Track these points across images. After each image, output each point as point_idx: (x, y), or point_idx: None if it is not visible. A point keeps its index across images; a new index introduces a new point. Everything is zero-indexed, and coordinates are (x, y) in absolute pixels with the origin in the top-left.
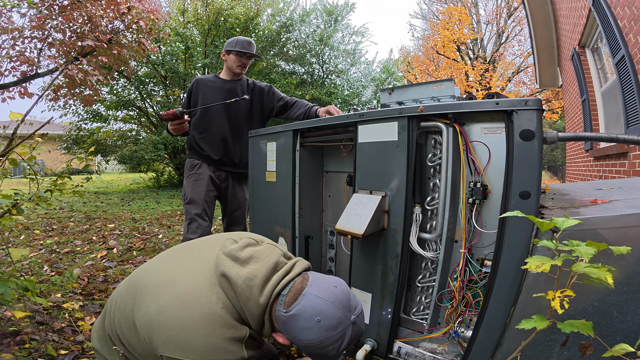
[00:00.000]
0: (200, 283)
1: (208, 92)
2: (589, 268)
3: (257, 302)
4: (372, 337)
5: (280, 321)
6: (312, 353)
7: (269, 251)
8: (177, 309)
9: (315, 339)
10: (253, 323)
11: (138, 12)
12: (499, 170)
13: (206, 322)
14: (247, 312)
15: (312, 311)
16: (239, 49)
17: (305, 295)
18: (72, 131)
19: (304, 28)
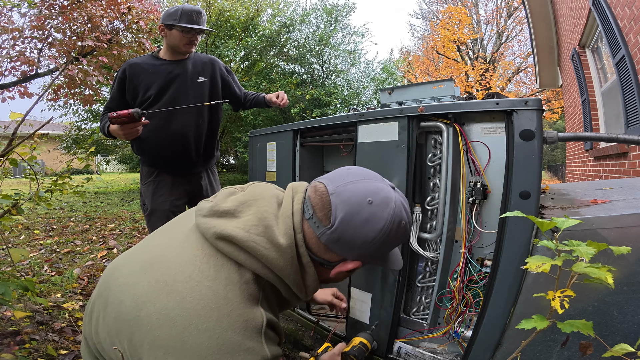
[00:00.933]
0: (188, 258)
1: (151, 81)
2: (589, 268)
3: (279, 249)
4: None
5: (332, 245)
6: (385, 253)
7: (258, 190)
8: (161, 296)
9: (383, 226)
10: (290, 281)
11: (138, 12)
12: (499, 170)
13: (207, 309)
14: (275, 270)
15: (355, 200)
16: (184, 24)
17: (334, 193)
18: (72, 131)
19: (304, 28)
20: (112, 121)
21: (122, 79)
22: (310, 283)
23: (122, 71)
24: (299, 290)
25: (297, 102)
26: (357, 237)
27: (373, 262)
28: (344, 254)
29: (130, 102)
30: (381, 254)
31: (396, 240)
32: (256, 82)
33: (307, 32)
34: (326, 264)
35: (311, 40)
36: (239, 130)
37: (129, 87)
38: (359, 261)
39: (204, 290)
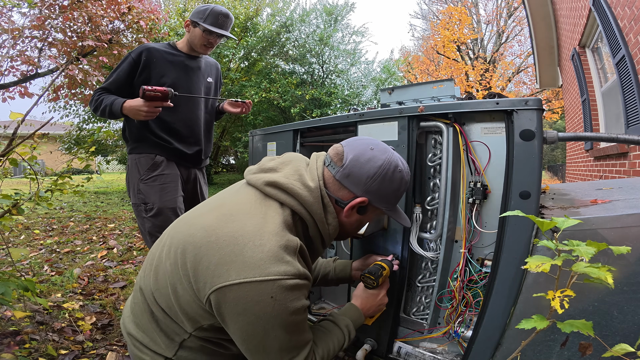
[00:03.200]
0: (245, 200)
1: (168, 70)
2: (589, 268)
3: (309, 189)
4: (372, 337)
5: (344, 180)
6: (386, 195)
7: (292, 155)
8: (227, 223)
9: (381, 164)
10: (317, 216)
11: (138, 12)
12: (499, 170)
13: (262, 230)
14: (306, 206)
15: (361, 147)
16: (209, 25)
17: (346, 145)
18: (73, 131)
19: (304, 28)
20: (146, 94)
21: (135, 62)
22: (331, 221)
23: (137, 54)
24: (322, 227)
25: (297, 102)
26: (362, 172)
27: (379, 201)
28: (354, 189)
29: (138, 86)
30: (384, 194)
31: (394, 182)
32: (256, 82)
33: (307, 32)
34: (341, 202)
35: (311, 40)
36: (239, 130)
37: (143, 71)
38: (365, 197)
39: (259, 219)
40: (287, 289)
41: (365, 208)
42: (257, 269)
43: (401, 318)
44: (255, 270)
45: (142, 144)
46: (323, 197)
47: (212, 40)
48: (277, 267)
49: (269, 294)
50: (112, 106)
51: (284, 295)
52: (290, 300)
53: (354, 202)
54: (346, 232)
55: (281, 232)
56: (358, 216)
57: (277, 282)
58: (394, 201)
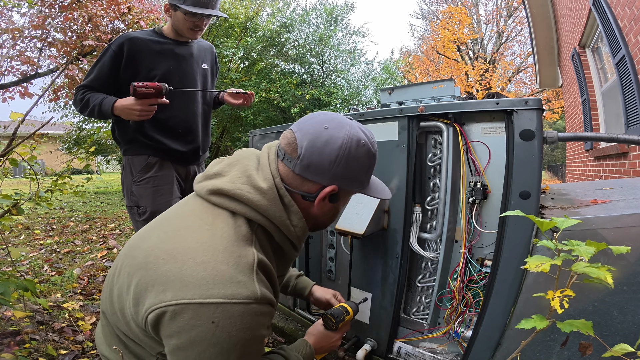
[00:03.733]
0: (189, 213)
1: (157, 61)
2: (588, 268)
3: (261, 192)
4: (372, 337)
5: (306, 172)
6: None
7: (241, 152)
8: (167, 241)
9: (341, 144)
10: (277, 221)
11: (138, 11)
12: (499, 170)
13: (205, 245)
14: (262, 211)
15: (314, 129)
16: (190, 6)
17: (297, 131)
18: (73, 131)
19: (304, 28)
20: (137, 92)
21: (117, 55)
22: (297, 222)
23: (117, 46)
24: (287, 231)
25: (297, 102)
26: (323, 158)
27: (349, 185)
28: (319, 179)
29: (125, 82)
30: (353, 175)
31: (360, 159)
32: (256, 82)
33: (307, 32)
34: (308, 196)
35: (311, 40)
36: (239, 130)
37: (127, 64)
38: (334, 185)
39: (203, 232)
40: (235, 315)
41: (337, 196)
42: (197, 290)
43: (401, 318)
44: (195, 290)
45: (133, 145)
46: (282, 196)
47: (199, 23)
48: (223, 289)
49: (210, 319)
50: (102, 106)
51: (230, 321)
52: (237, 329)
53: (324, 193)
54: (323, 223)
55: (231, 247)
56: (332, 205)
57: (220, 306)
58: (366, 179)
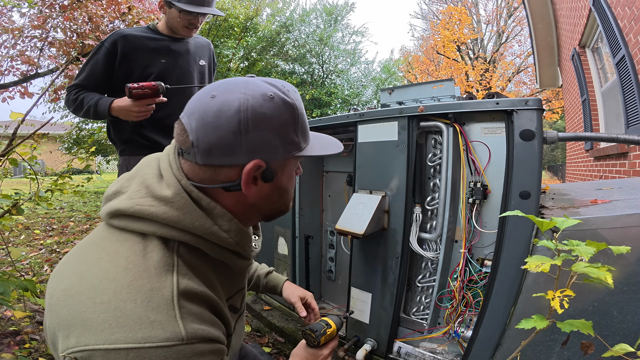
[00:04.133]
0: (91, 243)
1: (152, 58)
2: (588, 268)
3: (166, 201)
4: (372, 337)
5: (212, 159)
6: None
7: (143, 162)
8: (65, 279)
9: (238, 106)
10: (203, 232)
11: (138, 11)
12: (499, 170)
13: (105, 281)
14: (174, 224)
15: (199, 105)
16: (185, 5)
17: (184, 115)
18: (73, 131)
19: (304, 28)
20: (133, 94)
21: (111, 52)
22: (228, 226)
23: (111, 43)
24: (220, 240)
25: None
26: (221, 133)
27: (277, 153)
28: (232, 160)
29: (119, 81)
30: (275, 139)
31: (274, 115)
32: None
33: (307, 32)
34: (232, 186)
35: (311, 40)
36: None
37: (122, 62)
38: (255, 159)
39: (104, 265)
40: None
41: (271, 170)
42: (100, 334)
43: (401, 318)
44: (98, 335)
45: (130, 146)
46: (197, 200)
47: (194, 21)
48: (130, 332)
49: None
50: (98, 107)
51: None
52: None
53: (247, 175)
54: (274, 210)
55: (139, 280)
56: (271, 185)
57: (132, 352)
58: (299, 138)
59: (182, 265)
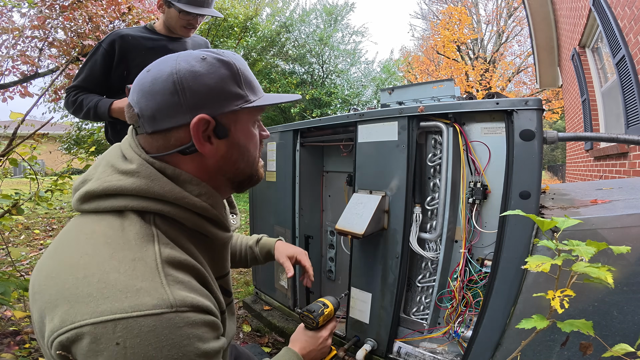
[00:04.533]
0: (68, 230)
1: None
2: (589, 268)
3: (131, 173)
4: (372, 337)
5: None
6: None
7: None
8: (43, 265)
9: (170, 71)
10: (174, 199)
11: (138, 11)
12: (499, 170)
13: (85, 257)
14: (144, 193)
15: (137, 80)
16: (185, 5)
17: (129, 93)
18: (73, 131)
19: (304, 28)
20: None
21: (109, 52)
22: (200, 190)
23: (109, 43)
24: (193, 206)
25: (297, 102)
26: (159, 98)
27: (222, 105)
28: (177, 121)
29: (117, 81)
30: (215, 92)
31: (209, 72)
32: None
33: (307, 32)
34: (187, 148)
35: (311, 40)
36: None
37: (120, 62)
38: (200, 114)
39: (82, 244)
40: (145, 331)
41: (222, 126)
42: (85, 308)
43: (401, 318)
44: (83, 309)
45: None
46: (162, 170)
47: (193, 21)
48: (117, 302)
49: (112, 340)
50: (97, 109)
51: (140, 340)
52: (157, 348)
53: (196, 133)
54: (238, 170)
55: (121, 252)
56: (226, 141)
57: (120, 323)
58: (243, 91)
59: (162, 235)
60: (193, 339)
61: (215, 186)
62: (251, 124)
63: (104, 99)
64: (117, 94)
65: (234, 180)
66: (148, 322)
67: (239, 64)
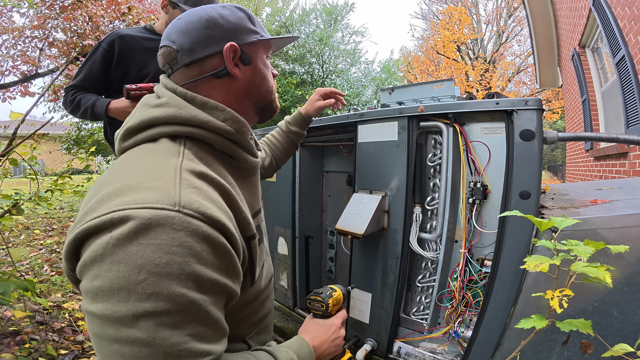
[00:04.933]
0: (109, 167)
1: (148, 59)
2: (587, 267)
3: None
4: (372, 337)
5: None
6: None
7: None
8: (88, 194)
9: (200, 12)
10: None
11: (138, 11)
12: (499, 170)
13: (114, 172)
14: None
15: (170, 25)
16: (191, 6)
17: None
18: (73, 131)
19: (304, 28)
20: (131, 95)
21: (108, 52)
22: (225, 115)
23: (108, 43)
24: (218, 130)
25: (297, 102)
26: (196, 33)
27: (244, 36)
28: (211, 49)
29: (115, 81)
30: (238, 27)
31: (231, 13)
32: None
33: (307, 32)
34: (220, 71)
35: (311, 40)
36: None
37: (119, 63)
38: (228, 42)
39: (114, 167)
40: (137, 224)
41: (246, 54)
42: (97, 210)
43: (401, 318)
44: (100, 208)
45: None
46: (191, 99)
47: None
48: (124, 197)
49: (107, 230)
50: (94, 108)
51: (128, 235)
52: (140, 243)
53: (228, 57)
54: (260, 94)
55: (148, 164)
56: (250, 67)
57: (117, 213)
58: (257, 29)
59: (189, 153)
60: (187, 250)
61: (241, 111)
62: (265, 53)
63: (101, 98)
64: (115, 94)
65: (257, 105)
66: (144, 214)
67: (247, 10)
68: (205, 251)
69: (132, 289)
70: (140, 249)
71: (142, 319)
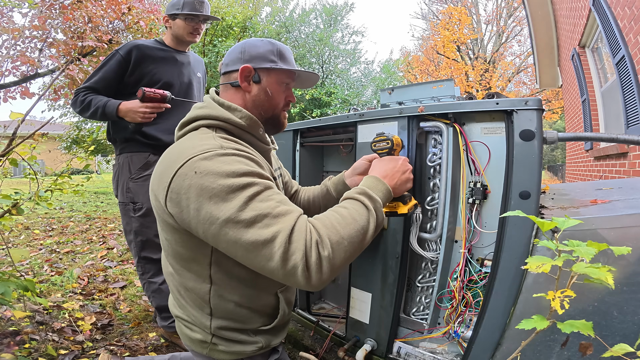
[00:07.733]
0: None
1: (161, 67)
2: (589, 268)
3: (202, 107)
4: (372, 337)
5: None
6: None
7: None
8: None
9: (243, 42)
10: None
11: (138, 12)
12: (499, 170)
13: (172, 148)
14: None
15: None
16: (188, 11)
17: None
18: (72, 131)
19: (304, 28)
20: (146, 96)
21: (125, 61)
22: (242, 115)
23: (126, 52)
24: (235, 123)
25: (297, 102)
26: (233, 55)
27: (261, 62)
28: (237, 66)
29: (130, 86)
30: (260, 56)
31: (261, 45)
32: None
33: (307, 32)
34: (234, 83)
35: (311, 40)
36: None
37: (134, 70)
38: (245, 64)
39: (174, 146)
40: (207, 157)
41: (258, 75)
42: (172, 168)
43: (401, 318)
44: (171, 170)
45: (132, 144)
46: (221, 103)
47: (197, 26)
48: (188, 155)
49: (192, 170)
50: (106, 108)
51: (206, 164)
52: (210, 164)
53: (241, 75)
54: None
55: (193, 138)
56: (259, 86)
57: (190, 161)
58: (277, 60)
59: (218, 137)
60: (238, 161)
61: (254, 115)
62: (279, 83)
63: (112, 99)
64: (126, 97)
65: (262, 116)
66: (207, 155)
67: (280, 45)
68: (247, 161)
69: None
70: (212, 164)
71: (248, 201)
